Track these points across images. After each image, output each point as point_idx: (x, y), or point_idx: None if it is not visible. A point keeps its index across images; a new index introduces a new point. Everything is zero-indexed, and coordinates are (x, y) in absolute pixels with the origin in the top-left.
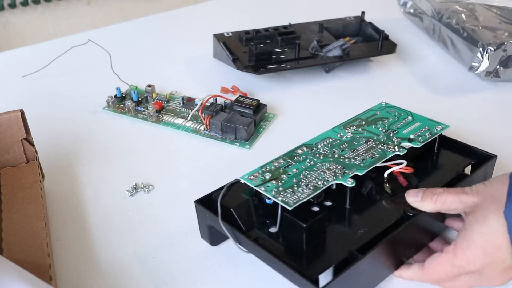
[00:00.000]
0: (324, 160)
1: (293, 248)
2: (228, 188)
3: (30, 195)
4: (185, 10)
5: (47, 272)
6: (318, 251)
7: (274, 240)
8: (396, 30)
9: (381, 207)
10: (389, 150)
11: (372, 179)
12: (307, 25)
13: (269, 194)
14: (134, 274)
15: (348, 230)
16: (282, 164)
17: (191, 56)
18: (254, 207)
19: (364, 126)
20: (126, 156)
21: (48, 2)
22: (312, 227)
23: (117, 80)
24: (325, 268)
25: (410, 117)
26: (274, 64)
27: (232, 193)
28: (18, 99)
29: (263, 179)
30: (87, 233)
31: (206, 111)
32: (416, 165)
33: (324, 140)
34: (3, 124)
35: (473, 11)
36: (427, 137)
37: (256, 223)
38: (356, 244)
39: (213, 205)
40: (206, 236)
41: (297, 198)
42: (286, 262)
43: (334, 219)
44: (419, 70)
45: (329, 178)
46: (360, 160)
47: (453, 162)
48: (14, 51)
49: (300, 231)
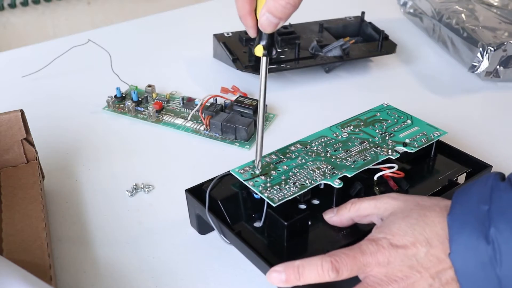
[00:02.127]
0: (316, 159)
1: (274, 244)
2: (219, 180)
3: (30, 195)
4: (185, 10)
5: (47, 272)
6: (299, 249)
7: (257, 235)
8: (396, 30)
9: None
10: (382, 153)
11: (363, 180)
12: (307, 25)
13: (256, 189)
14: (134, 274)
15: (331, 230)
16: (274, 159)
17: (191, 56)
18: (243, 200)
19: (362, 127)
20: (126, 156)
21: (48, 2)
22: (294, 225)
23: (117, 80)
24: None
25: (409, 120)
26: (274, 64)
27: (222, 185)
28: (18, 99)
29: (253, 173)
30: (87, 233)
31: (206, 111)
32: (411, 169)
33: (319, 138)
34: (3, 124)
35: (473, 11)
36: (422, 143)
37: (243, 216)
38: (337, 244)
39: (202, 195)
40: (194, 225)
41: (283, 195)
42: (264, 258)
43: (319, 218)
44: (419, 70)
45: (317, 177)
46: (351, 161)
47: (448, 169)
48: (14, 51)
49: (282, 228)
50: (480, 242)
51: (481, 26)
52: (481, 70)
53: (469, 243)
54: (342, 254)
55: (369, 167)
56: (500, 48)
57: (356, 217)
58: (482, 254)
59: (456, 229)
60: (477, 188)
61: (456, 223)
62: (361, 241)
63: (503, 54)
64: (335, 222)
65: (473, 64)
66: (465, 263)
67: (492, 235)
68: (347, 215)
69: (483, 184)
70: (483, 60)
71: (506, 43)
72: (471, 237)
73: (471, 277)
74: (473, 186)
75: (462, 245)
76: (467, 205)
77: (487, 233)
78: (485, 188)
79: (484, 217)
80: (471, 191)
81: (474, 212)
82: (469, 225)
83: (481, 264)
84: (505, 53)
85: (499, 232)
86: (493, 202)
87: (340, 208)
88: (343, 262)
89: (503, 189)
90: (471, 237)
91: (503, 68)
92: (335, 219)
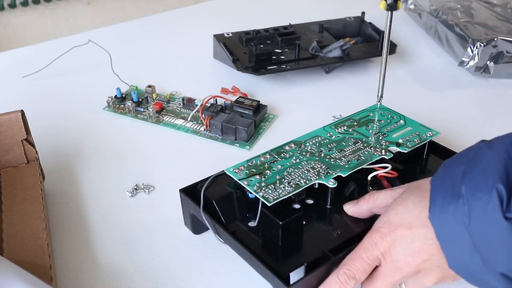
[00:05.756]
0: (310, 159)
1: (269, 244)
2: (213, 179)
3: (30, 196)
4: (185, 10)
5: (48, 272)
6: (293, 249)
7: (252, 235)
8: (397, 29)
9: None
10: (375, 153)
11: (356, 180)
12: (307, 26)
13: (251, 189)
14: (135, 275)
15: (325, 230)
16: (269, 159)
17: (191, 57)
18: (237, 200)
19: (355, 127)
20: (127, 157)
21: (48, 2)
22: (289, 225)
23: (117, 80)
24: (297, 266)
25: (402, 121)
26: (274, 65)
27: (217, 185)
28: (18, 99)
29: (248, 173)
30: (87, 233)
31: (206, 111)
32: (404, 169)
33: (313, 138)
34: (3, 124)
35: (470, 8)
36: (415, 143)
37: (238, 216)
38: (331, 244)
39: (197, 195)
40: (188, 224)
41: (278, 195)
42: (259, 257)
43: (313, 218)
44: (419, 70)
45: (312, 177)
46: (345, 161)
47: None
48: (14, 51)
49: (276, 228)
50: (452, 200)
51: (475, 22)
52: (470, 65)
53: (444, 203)
54: (350, 261)
55: (362, 167)
56: (490, 44)
57: (374, 208)
58: (455, 211)
59: (434, 191)
60: (460, 154)
61: (434, 186)
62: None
63: (493, 50)
64: (354, 213)
65: (463, 59)
66: (440, 223)
67: (463, 191)
68: (366, 206)
69: (467, 150)
70: (473, 55)
71: (497, 39)
72: (446, 197)
73: (447, 236)
74: (459, 153)
75: (438, 205)
76: (448, 168)
77: (459, 190)
78: (466, 152)
79: (459, 176)
80: (454, 157)
81: (451, 173)
82: (445, 185)
83: (455, 221)
84: (495, 49)
85: (468, 187)
86: (468, 163)
87: (359, 199)
88: (354, 267)
89: (479, 148)
90: (445, 197)
91: (493, 64)
92: (353, 210)
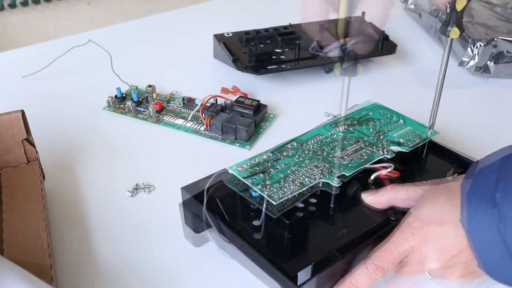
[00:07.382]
0: (313, 157)
1: (275, 243)
2: (216, 177)
3: (30, 196)
4: (185, 10)
5: (48, 272)
6: (300, 248)
7: (256, 234)
8: (397, 28)
9: (365, 209)
10: (377, 153)
11: (358, 179)
12: (307, 26)
13: (256, 187)
14: (135, 274)
15: (330, 229)
16: (271, 157)
17: (191, 56)
18: (240, 198)
19: (356, 126)
20: (127, 157)
21: (48, 2)
22: (296, 224)
23: (118, 80)
24: (305, 266)
25: (401, 120)
26: (274, 65)
27: (218, 184)
28: (18, 99)
29: (251, 171)
30: (87, 233)
31: (207, 111)
32: (403, 168)
33: (315, 137)
34: (3, 124)
35: (470, 8)
36: (416, 142)
37: (241, 215)
38: (337, 243)
39: (199, 193)
40: (189, 223)
41: (283, 193)
42: (266, 257)
43: (318, 217)
44: (419, 70)
45: (316, 176)
46: (348, 160)
47: (440, 168)
48: (14, 51)
49: (283, 227)
50: (487, 206)
51: (475, 22)
52: (470, 65)
53: (477, 209)
54: (380, 252)
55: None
56: (490, 44)
57: (393, 199)
58: (489, 218)
59: (468, 197)
60: (489, 159)
61: (468, 191)
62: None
63: (493, 50)
64: (372, 201)
65: (463, 59)
66: (474, 228)
67: (498, 199)
68: (386, 196)
69: (496, 155)
70: (473, 55)
71: (497, 39)
72: (480, 203)
73: (479, 240)
74: (488, 158)
75: (472, 211)
76: (479, 174)
77: (493, 197)
78: (497, 158)
79: (492, 183)
80: (484, 162)
81: (484, 180)
82: (478, 191)
83: (488, 228)
84: (495, 49)
85: (504, 196)
86: (501, 170)
87: (380, 189)
88: (383, 259)
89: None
90: (479, 203)
91: (494, 64)
92: (372, 198)
